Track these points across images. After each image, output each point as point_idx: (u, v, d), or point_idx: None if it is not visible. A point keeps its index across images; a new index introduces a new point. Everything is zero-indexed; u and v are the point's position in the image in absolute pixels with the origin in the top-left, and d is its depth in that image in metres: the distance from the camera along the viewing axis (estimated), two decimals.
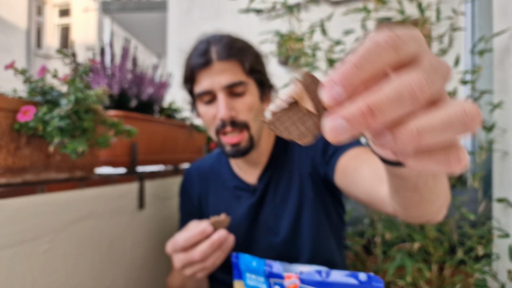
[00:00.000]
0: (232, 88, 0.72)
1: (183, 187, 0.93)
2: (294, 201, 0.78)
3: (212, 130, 0.75)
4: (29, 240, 0.64)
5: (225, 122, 0.71)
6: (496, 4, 1.10)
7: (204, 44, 0.74)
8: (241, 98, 0.73)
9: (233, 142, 0.72)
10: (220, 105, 0.70)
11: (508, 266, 0.97)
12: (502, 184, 1.03)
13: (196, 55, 0.73)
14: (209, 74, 0.72)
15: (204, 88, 0.72)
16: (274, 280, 0.44)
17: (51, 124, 0.62)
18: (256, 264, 0.45)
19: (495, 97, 1.09)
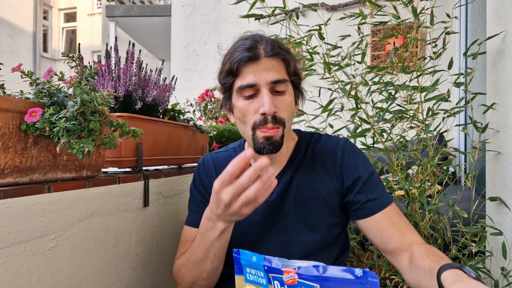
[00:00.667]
0: (275, 85, 0.74)
1: (199, 175, 0.92)
2: (311, 204, 0.81)
3: (249, 124, 0.75)
4: (36, 238, 0.66)
5: (267, 118, 0.73)
6: (489, 8, 1.13)
7: (250, 40, 0.75)
8: (281, 96, 0.76)
9: (269, 135, 0.74)
10: (266, 100, 0.72)
11: (502, 263, 0.99)
12: (495, 183, 1.06)
13: (242, 50, 0.74)
14: (255, 69, 0.73)
15: (249, 81, 0.73)
16: (273, 275, 0.45)
17: (58, 125, 0.65)
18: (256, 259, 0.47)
19: (488, 99, 1.11)
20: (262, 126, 0.74)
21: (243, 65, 0.74)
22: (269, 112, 0.72)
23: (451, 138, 1.39)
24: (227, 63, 0.76)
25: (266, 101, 0.72)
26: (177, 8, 3.87)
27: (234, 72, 0.75)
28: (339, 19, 1.25)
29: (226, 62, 0.77)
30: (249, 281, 0.48)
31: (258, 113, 0.74)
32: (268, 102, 0.72)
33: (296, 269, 0.42)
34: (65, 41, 13.32)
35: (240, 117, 0.77)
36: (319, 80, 1.32)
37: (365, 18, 1.16)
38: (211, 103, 2.11)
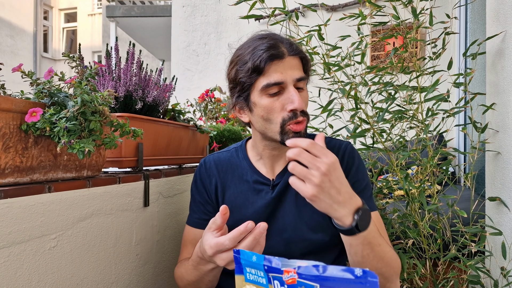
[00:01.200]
0: (298, 82, 0.77)
1: (200, 175, 0.93)
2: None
3: (277, 121, 0.77)
4: (36, 237, 0.67)
5: (297, 113, 0.75)
6: (489, 9, 1.13)
7: (270, 39, 0.77)
8: (302, 92, 0.79)
9: (299, 129, 0.77)
10: (296, 97, 0.74)
11: (501, 263, 0.99)
12: (494, 183, 1.06)
13: (265, 48, 0.75)
14: (281, 67, 0.75)
15: (276, 79, 0.74)
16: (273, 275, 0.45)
17: (59, 125, 0.65)
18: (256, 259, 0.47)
19: (488, 99, 1.12)
20: (291, 121, 0.76)
21: (269, 63, 0.75)
22: (300, 108, 0.75)
23: (450, 138, 1.39)
24: (248, 61, 0.76)
25: (296, 98, 0.74)
26: (178, 8, 3.88)
27: (259, 70, 0.75)
28: (339, 19, 1.25)
29: (246, 60, 0.77)
30: (249, 280, 0.48)
31: (285, 110, 0.76)
32: (298, 99, 0.74)
33: (296, 268, 0.42)
34: (66, 41, 13.34)
35: (263, 115, 0.78)
36: (319, 80, 1.32)
37: (365, 19, 1.17)
38: (211, 103, 2.11)
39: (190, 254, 0.88)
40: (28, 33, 11.61)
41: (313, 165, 0.60)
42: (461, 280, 1.04)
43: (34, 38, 11.78)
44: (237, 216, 0.84)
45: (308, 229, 0.81)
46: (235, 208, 0.85)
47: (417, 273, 1.02)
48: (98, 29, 12.15)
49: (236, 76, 0.79)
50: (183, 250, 0.91)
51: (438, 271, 1.11)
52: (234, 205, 0.85)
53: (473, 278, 0.97)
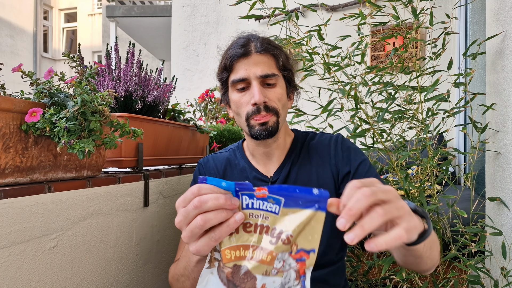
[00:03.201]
0: (265, 79, 0.80)
1: (199, 173, 0.94)
2: None
3: (243, 116, 0.81)
4: (36, 237, 0.67)
5: (259, 107, 0.79)
6: (489, 8, 1.13)
7: (244, 39, 0.83)
8: (272, 88, 0.81)
9: (262, 121, 0.79)
10: (255, 91, 0.78)
11: (501, 263, 0.99)
12: (494, 183, 1.06)
13: (236, 47, 0.81)
14: (246, 64, 0.80)
15: (241, 76, 0.79)
16: (243, 192, 0.47)
17: (59, 125, 0.65)
18: (225, 184, 0.47)
19: (488, 99, 1.12)
20: (254, 115, 0.79)
21: (235, 60, 0.80)
22: (259, 102, 0.78)
23: (450, 138, 1.39)
24: (222, 60, 0.83)
25: (255, 92, 0.78)
26: (177, 8, 3.88)
27: (227, 67, 0.81)
28: (339, 19, 1.25)
29: (222, 59, 0.84)
30: None
31: (249, 105, 0.80)
32: (258, 93, 0.77)
33: (267, 188, 0.47)
34: (66, 41, 13.34)
35: (235, 109, 0.83)
36: (318, 80, 1.32)
37: (365, 19, 1.17)
38: (211, 103, 2.11)
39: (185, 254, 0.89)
40: (28, 33, 11.61)
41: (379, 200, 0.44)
42: (461, 280, 1.04)
43: (34, 38, 11.78)
44: None
45: None
46: None
47: (417, 273, 1.02)
48: (98, 29, 12.15)
49: (217, 75, 0.86)
50: (180, 250, 0.92)
51: (438, 271, 1.11)
52: None
53: (473, 278, 0.97)
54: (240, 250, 0.47)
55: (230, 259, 0.47)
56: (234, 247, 0.47)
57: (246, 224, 0.47)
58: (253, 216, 0.47)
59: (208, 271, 0.48)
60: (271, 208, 0.47)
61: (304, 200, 0.46)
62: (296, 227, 0.46)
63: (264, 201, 0.47)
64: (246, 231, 0.47)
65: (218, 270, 0.48)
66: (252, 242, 0.47)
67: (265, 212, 0.47)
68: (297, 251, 0.46)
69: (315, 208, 0.46)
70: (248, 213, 0.47)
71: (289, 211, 0.46)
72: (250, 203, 0.47)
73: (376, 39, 1.24)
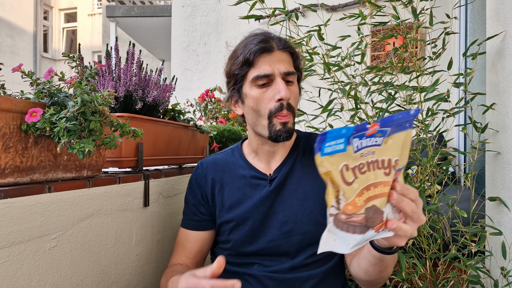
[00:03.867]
0: (287, 76, 0.80)
1: (195, 177, 0.95)
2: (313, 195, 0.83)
3: (265, 112, 0.80)
4: (36, 237, 0.67)
5: (283, 104, 0.78)
6: (489, 8, 1.13)
7: (262, 35, 0.82)
8: (291, 86, 0.82)
9: (285, 120, 0.79)
10: (282, 87, 0.77)
11: (501, 263, 0.99)
12: (495, 183, 1.06)
13: (257, 42, 0.80)
14: (270, 60, 0.79)
15: (265, 71, 0.79)
16: (356, 134, 0.47)
17: (59, 125, 0.65)
18: (345, 131, 0.47)
19: (488, 99, 1.12)
20: (278, 113, 0.79)
21: (258, 56, 0.79)
22: (286, 97, 0.78)
23: (450, 138, 1.39)
24: (240, 55, 0.81)
25: (282, 88, 0.77)
26: (177, 8, 3.88)
27: (250, 62, 0.80)
28: (339, 19, 1.25)
29: (239, 54, 0.82)
30: (325, 154, 0.48)
31: (273, 101, 0.79)
32: (285, 89, 0.77)
33: (379, 122, 0.47)
34: (66, 41, 13.34)
35: (253, 106, 0.82)
36: (319, 80, 1.32)
37: (365, 19, 1.17)
38: (211, 103, 2.11)
39: (180, 257, 0.92)
40: (28, 33, 11.61)
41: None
42: (461, 280, 1.04)
43: (34, 38, 11.78)
44: (237, 211, 0.86)
45: (309, 222, 0.82)
46: (234, 204, 0.87)
47: (417, 273, 1.02)
48: (98, 29, 12.15)
49: (230, 69, 0.84)
50: (175, 252, 0.94)
51: (438, 271, 1.11)
52: (233, 201, 0.87)
53: (473, 278, 0.97)
54: (365, 193, 0.48)
55: (361, 206, 0.48)
56: (359, 193, 0.48)
57: (359, 166, 0.48)
58: (363, 156, 0.48)
59: (325, 231, 0.50)
60: (376, 141, 0.48)
61: (400, 123, 0.48)
62: (399, 151, 0.48)
63: (371, 137, 0.48)
64: (362, 173, 0.48)
65: (335, 223, 0.49)
66: (371, 180, 0.48)
67: (371, 147, 0.48)
68: (395, 173, 0.49)
69: (406, 128, 0.48)
70: (359, 154, 0.48)
71: (388, 139, 0.48)
72: (360, 144, 0.48)
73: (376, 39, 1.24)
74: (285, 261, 0.83)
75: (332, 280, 0.84)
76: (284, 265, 0.82)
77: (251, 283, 0.83)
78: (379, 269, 0.69)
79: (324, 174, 0.48)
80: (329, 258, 0.85)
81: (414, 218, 0.51)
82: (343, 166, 0.48)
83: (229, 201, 0.88)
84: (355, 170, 0.48)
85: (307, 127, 1.35)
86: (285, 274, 0.81)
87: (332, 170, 0.48)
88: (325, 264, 0.83)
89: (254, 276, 0.83)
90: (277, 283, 0.81)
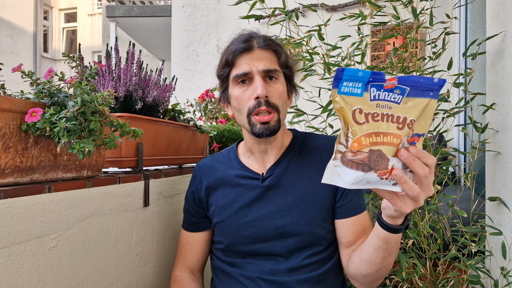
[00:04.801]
0: (267, 74, 0.80)
1: (192, 180, 0.97)
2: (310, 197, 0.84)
3: (245, 111, 0.81)
4: (36, 237, 0.66)
5: (260, 101, 0.78)
6: (489, 8, 1.13)
7: (246, 35, 0.83)
8: (274, 84, 0.81)
9: (264, 120, 0.79)
10: (258, 85, 0.78)
11: (501, 263, 0.99)
12: (495, 183, 1.06)
13: (238, 42, 0.81)
14: (249, 59, 0.80)
15: (243, 70, 0.79)
16: (373, 83, 0.50)
17: (59, 125, 0.65)
18: (362, 74, 0.50)
19: (488, 99, 1.12)
20: (256, 110, 0.79)
21: (238, 55, 0.80)
22: (261, 95, 0.77)
23: (450, 138, 1.39)
24: (224, 56, 0.83)
25: (258, 85, 0.78)
26: (177, 8, 3.88)
27: (229, 62, 0.81)
28: (339, 19, 1.25)
29: (223, 56, 0.83)
30: (342, 92, 0.51)
31: (251, 99, 0.79)
32: (261, 86, 0.77)
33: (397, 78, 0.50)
34: (66, 41, 13.34)
35: (236, 106, 0.83)
36: (319, 80, 1.32)
37: (365, 19, 1.17)
38: (211, 103, 2.11)
39: (184, 261, 0.95)
40: (28, 33, 11.61)
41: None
42: (461, 280, 1.04)
43: (34, 38, 11.78)
44: (230, 210, 0.87)
45: (305, 224, 0.82)
46: (227, 204, 0.88)
47: (417, 273, 1.02)
48: (98, 29, 12.15)
49: (217, 72, 0.86)
50: (178, 253, 0.97)
51: (438, 271, 1.11)
52: (226, 201, 0.88)
53: (473, 278, 0.97)
54: (373, 136, 0.50)
55: (365, 145, 0.50)
56: (367, 134, 0.50)
57: (373, 114, 0.51)
58: (379, 107, 0.51)
59: (331, 164, 0.53)
60: (395, 98, 0.50)
61: (424, 89, 0.50)
62: (418, 115, 0.50)
63: (390, 92, 0.50)
64: (374, 120, 0.51)
65: (342, 160, 0.52)
66: (382, 129, 0.50)
67: (389, 102, 0.51)
68: (412, 136, 0.51)
69: (430, 96, 0.51)
70: (375, 104, 0.51)
71: (409, 100, 0.50)
72: (377, 94, 0.51)
73: (376, 39, 1.24)
74: (281, 262, 0.82)
75: (331, 282, 0.84)
76: (280, 267, 0.82)
77: (247, 285, 0.83)
78: (382, 255, 0.68)
79: (337, 110, 0.52)
80: (327, 259, 0.84)
81: (425, 184, 0.52)
82: (357, 108, 0.50)
83: (222, 201, 0.89)
84: (368, 116, 0.50)
85: (307, 127, 1.35)
86: (282, 277, 0.81)
87: (345, 107, 0.51)
88: (323, 265, 0.83)
89: (250, 278, 0.83)
90: (273, 286, 0.80)
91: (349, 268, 0.81)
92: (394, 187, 0.52)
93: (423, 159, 0.51)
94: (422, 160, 0.51)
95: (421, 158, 0.51)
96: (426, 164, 0.51)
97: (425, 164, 0.51)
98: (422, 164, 0.51)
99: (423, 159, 0.51)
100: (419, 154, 0.51)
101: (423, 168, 0.51)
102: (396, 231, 0.64)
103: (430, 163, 0.51)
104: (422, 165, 0.51)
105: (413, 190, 0.51)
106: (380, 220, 0.65)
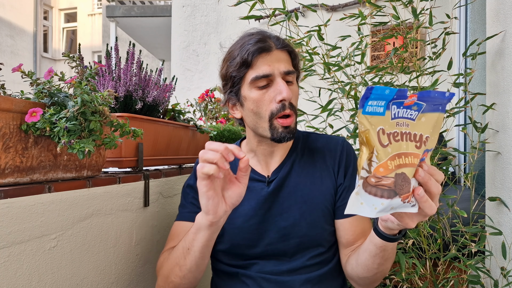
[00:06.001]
0: (286, 76, 0.78)
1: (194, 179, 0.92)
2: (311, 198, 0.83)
3: (266, 114, 0.78)
4: (36, 237, 0.66)
5: (285, 104, 0.76)
6: (489, 8, 1.13)
7: (258, 35, 0.79)
8: (291, 86, 0.79)
9: (287, 124, 0.77)
10: (282, 87, 0.75)
11: (501, 263, 0.99)
12: (495, 183, 1.06)
13: (254, 42, 0.77)
14: (269, 60, 0.76)
15: (264, 72, 0.76)
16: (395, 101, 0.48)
17: (59, 125, 0.65)
18: (388, 92, 0.48)
19: (488, 99, 1.12)
20: (280, 114, 0.77)
21: (257, 56, 0.76)
22: (288, 98, 0.75)
23: (450, 138, 1.39)
24: (237, 56, 0.78)
25: (284, 88, 0.75)
26: (177, 8, 3.88)
27: (248, 63, 0.77)
28: (339, 19, 1.25)
29: (235, 55, 0.78)
30: (366, 112, 0.49)
31: (274, 102, 0.77)
32: (286, 89, 0.75)
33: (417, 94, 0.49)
34: (66, 41, 13.34)
35: (253, 108, 0.79)
36: (319, 80, 1.32)
37: (365, 19, 1.17)
38: (211, 103, 2.11)
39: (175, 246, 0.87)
40: (28, 33, 11.61)
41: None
42: (461, 280, 1.04)
43: (34, 38, 11.78)
44: (233, 214, 0.84)
45: (308, 225, 0.82)
46: None
47: (417, 273, 1.02)
48: (98, 29, 12.15)
49: (227, 71, 0.80)
50: (169, 242, 0.88)
51: (438, 271, 1.11)
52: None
53: (473, 278, 0.97)
54: (396, 159, 0.49)
55: (392, 169, 0.48)
56: (392, 157, 0.49)
57: (394, 133, 0.49)
58: (398, 125, 0.49)
59: (354, 192, 0.50)
60: (411, 115, 0.49)
61: (436, 103, 0.49)
62: (431, 129, 0.50)
63: (408, 109, 0.49)
64: (395, 140, 0.49)
65: (364, 186, 0.49)
66: (403, 149, 0.49)
67: (405, 119, 0.49)
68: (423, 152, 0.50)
69: (439, 110, 0.50)
70: (395, 122, 0.49)
71: (422, 116, 0.49)
72: (397, 112, 0.49)
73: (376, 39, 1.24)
74: (283, 262, 0.82)
75: (330, 282, 0.84)
76: (282, 267, 0.81)
77: (248, 284, 0.83)
78: (379, 261, 0.69)
79: (362, 132, 0.49)
80: (329, 260, 0.84)
81: (435, 202, 0.51)
82: (380, 129, 0.49)
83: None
84: (390, 136, 0.49)
85: (307, 127, 1.35)
86: (283, 277, 0.81)
87: (370, 129, 0.48)
88: (325, 266, 0.83)
89: (252, 278, 0.83)
90: (274, 285, 0.80)
91: (347, 269, 0.81)
92: (412, 208, 0.51)
93: (435, 177, 0.50)
94: (434, 178, 0.50)
95: (433, 175, 0.50)
96: (437, 180, 0.51)
97: (437, 180, 0.51)
98: (435, 181, 0.50)
99: (435, 177, 0.50)
100: (431, 172, 0.50)
101: (437, 186, 0.50)
102: (394, 240, 0.64)
103: (440, 179, 0.51)
104: (436, 183, 0.50)
105: (432, 208, 0.50)
106: (376, 230, 0.65)
